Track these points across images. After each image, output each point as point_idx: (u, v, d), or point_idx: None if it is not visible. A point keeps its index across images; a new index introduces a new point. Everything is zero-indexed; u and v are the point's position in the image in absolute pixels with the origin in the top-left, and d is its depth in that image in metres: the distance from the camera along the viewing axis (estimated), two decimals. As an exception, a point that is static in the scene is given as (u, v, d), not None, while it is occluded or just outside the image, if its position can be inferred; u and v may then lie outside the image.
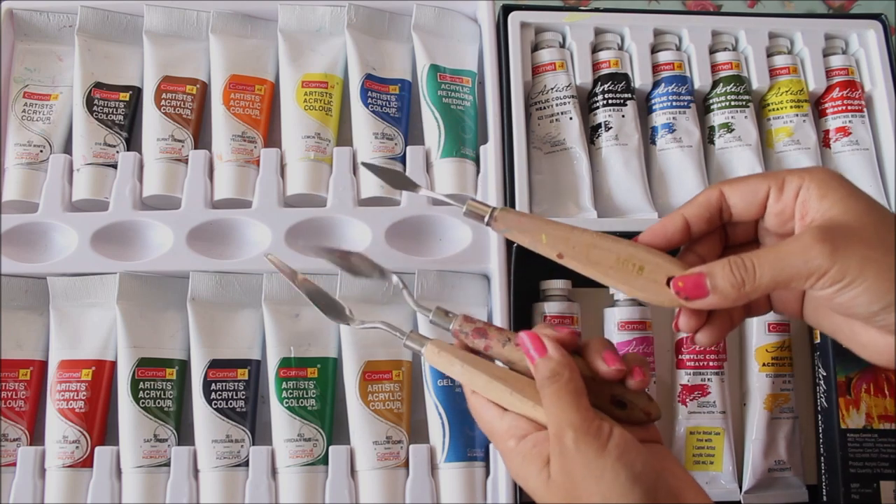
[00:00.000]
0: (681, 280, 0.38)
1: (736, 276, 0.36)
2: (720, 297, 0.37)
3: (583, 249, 0.42)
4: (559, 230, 0.42)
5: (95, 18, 0.63)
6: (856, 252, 0.34)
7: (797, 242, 0.35)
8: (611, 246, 0.41)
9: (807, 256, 0.35)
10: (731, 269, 0.36)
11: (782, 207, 0.38)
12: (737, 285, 0.36)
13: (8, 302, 0.56)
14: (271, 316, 0.56)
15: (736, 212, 0.39)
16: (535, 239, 0.43)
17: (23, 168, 0.59)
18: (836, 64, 0.65)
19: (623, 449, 0.36)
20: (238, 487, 0.54)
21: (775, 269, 0.35)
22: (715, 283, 0.37)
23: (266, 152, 0.60)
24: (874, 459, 0.56)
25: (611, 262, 0.41)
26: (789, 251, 0.35)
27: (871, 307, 0.35)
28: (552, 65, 0.62)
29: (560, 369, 0.39)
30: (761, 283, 0.36)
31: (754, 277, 0.36)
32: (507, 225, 0.43)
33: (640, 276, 0.40)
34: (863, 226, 0.35)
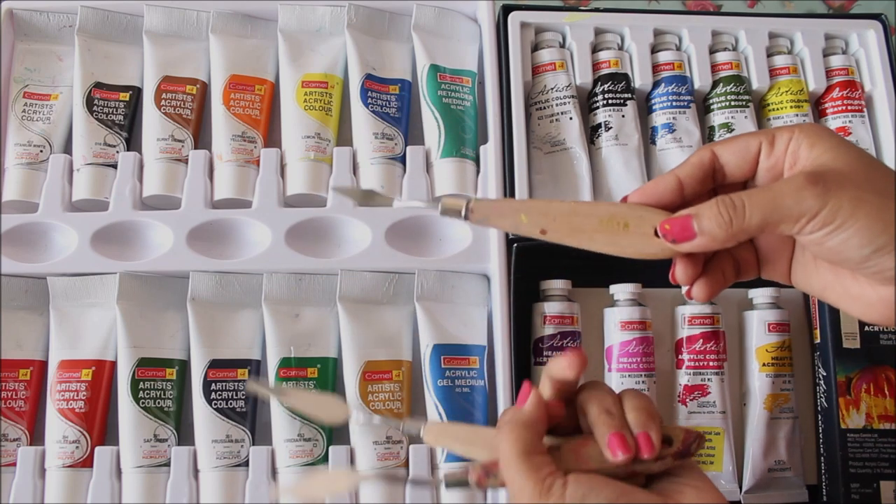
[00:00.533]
0: (668, 223, 0.37)
1: (724, 216, 0.35)
2: (708, 239, 0.36)
3: (564, 219, 0.40)
4: (537, 205, 0.41)
5: (95, 18, 0.63)
6: (847, 192, 0.34)
7: (789, 183, 0.34)
8: (591, 209, 0.40)
9: (798, 197, 0.34)
10: (718, 209, 0.35)
11: (774, 161, 0.37)
12: (725, 225, 0.35)
13: (8, 302, 0.56)
14: (271, 316, 0.56)
15: (729, 170, 0.39)
16: (515, 221, 0.41)
17: (23, 168, 0.59)
18: (836, 64, 0.65)
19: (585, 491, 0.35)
20: (238, 487, 0.54)
21: (766, 208, 0.35)
22: (702, 223, 0.36)
23: (266, 152, 0.60)
24: (874, 459, 0.56)
25: (594, 226, 0.40)
26: (781, 191, 0.34)
27: (863, 250, 0.34)
28: (552, 65, 0.62)
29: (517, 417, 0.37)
30: (751, 223, 0.35)
31: (743, 216, 0.35)
32: (483, 214, 0.41)
33: (627, 231, 0.39)
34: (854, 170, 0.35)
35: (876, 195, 0.34)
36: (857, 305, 0.37)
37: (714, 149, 0.39)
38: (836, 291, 0.38)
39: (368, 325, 0.56)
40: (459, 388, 0.55)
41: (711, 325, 0.58)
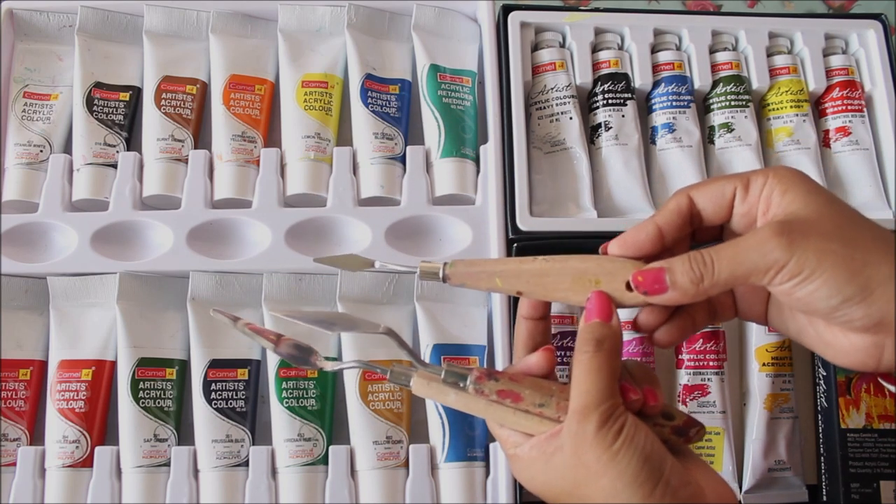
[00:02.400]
0: (640, 275, 0.37)
1: (695, 271, 0.36)
2: (679, 293, 0.37)
3: (537, 281, 0.41)
4: (510, 267, 0.41)
5: (95, 18, 0.63)
6: (812, 244, 0.34)
7: (755, 236, 0.35)
8: (562, 267, 0.41)
9: (764, 250, 0.34)
10: (690, 265, 0.36)
11: (748, 207, 0.38)
12: (696, 280, 0.36)
13: (8, 302, 0.56)
14: (271, 316, 0.56)
15: (705, 215, 0.39)
16: (490, 284, 0.42)
17: (23, 168, 0.59)
18: (836, 64, 0.65)
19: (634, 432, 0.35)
20: (238, 487, 0.54)
21: (733, 263, 0.35)
22: (674, 278, 0.36)
23: (266, 152, 0.60)
24: (874, 459, 0.56)
25: (567, 285, 0.40)
26: (747, 245, 0.35)
27: (831, 301, 0.34)
28: (552, 65, 0.62)
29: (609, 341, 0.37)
30: (719, 278, 0.36)
31: (713, 272, 0.36)
32: (460, 279, 0.42)
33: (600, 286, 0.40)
34: (821, 218, 0.35)
35: (843, 245, 0.34)
36: (831, 351, 0.38)
37: (690, 194, 0.39)
38: (811, 336, 0.39)
39: (368, 325, 0.56)
40: (459, 388, 0.55)
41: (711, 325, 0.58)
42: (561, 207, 0.59)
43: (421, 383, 0.41)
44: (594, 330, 0.38)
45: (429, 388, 0.41)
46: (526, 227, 0.56)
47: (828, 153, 0.63)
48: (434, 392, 0.41)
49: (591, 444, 0.35)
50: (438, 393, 0.41)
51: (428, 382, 0.41)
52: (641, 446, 0.35)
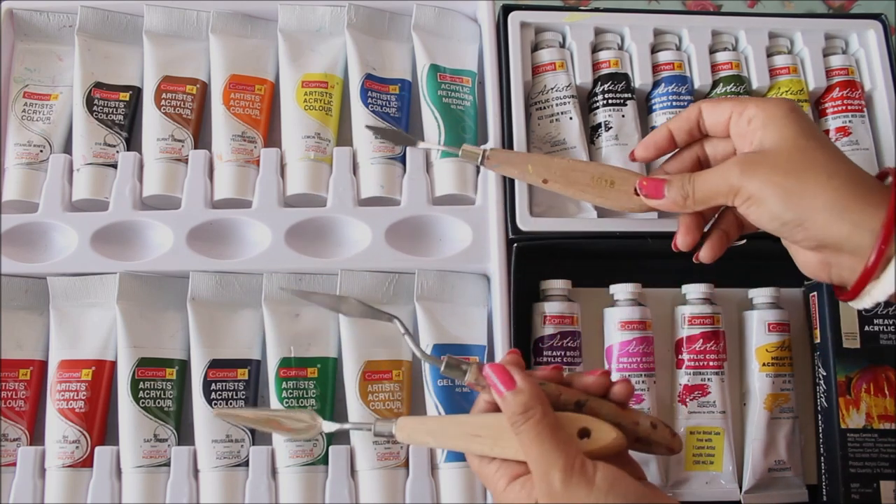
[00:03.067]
0: (646, 180, 0.47)
1: (683, 189, 0.45)
2: (670, 202, 0.46)
3: (563, 172, 0.50)
4: (541, 159, 0.51)
5: (95, 18, 0.63)
6: (760, 174, 0.41)
7: (723, 166, 0.43)
8: (585, 167, 0.51)
9: (725, 175, 0.42)
10: (681, 183, 0.45)
11: (740, 130, 0.44)
12: (683, 195, 0.45)
13: (8, 302, 0.56)
14: (271, 316, 0.56)
15: (709, 128, 0.47)
16: (522, 170, 0.51)
17: (23, 168, 0.59)
18: (836, 64, 0.65)
19: (612, 482, 0.36)
20: (238, 487, 0.54)
21: (705, 186, 0.44)
22: (670, 190, 0.46)
23: (266, 152, 0.60)
24: (874, 459, 0.56)
25: (587, 181, 0.50)
26: (716, 171, 0.43)
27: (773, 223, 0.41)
28: (552, 65, 0.62)
29: (532, 403, 0.39)
30: (697, 196, 0.44)
31: (692, 191, 0.44)
32: (497, 161, 0.51)
33: (612, 188, 0.50)
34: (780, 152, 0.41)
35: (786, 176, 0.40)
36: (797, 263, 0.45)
37: (701, 106, 0.47)
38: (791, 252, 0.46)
39: (368, 325, 0.56)
40: (459, 388, 0.55)
41: (711, 324, 0.58)
42: (561, 207, 0.59)
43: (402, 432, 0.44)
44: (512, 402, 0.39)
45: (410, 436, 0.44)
46: (526, 228, 0.56)
47: (828, 153, 0.63)
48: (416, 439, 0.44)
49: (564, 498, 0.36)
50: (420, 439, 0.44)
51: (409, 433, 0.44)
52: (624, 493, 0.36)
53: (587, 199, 0.54)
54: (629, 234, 0.57)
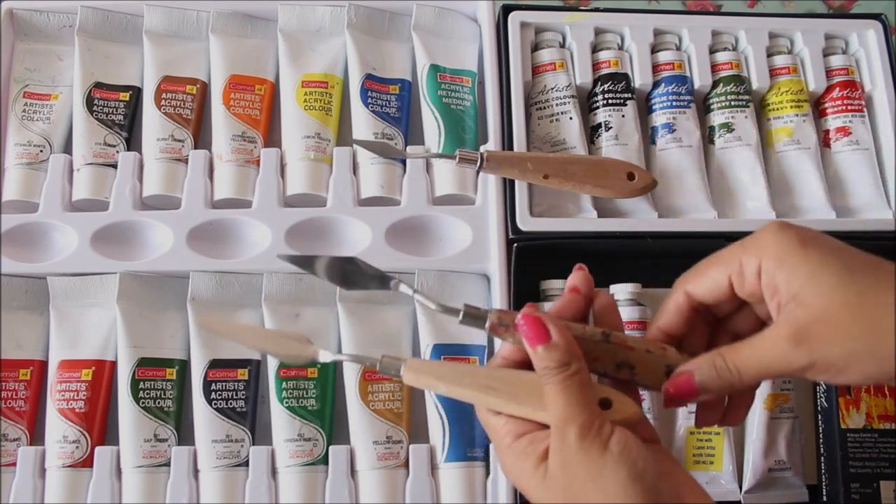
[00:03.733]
0: (671, 386, 0.39)
1: (722, 379, 0.37)
2: (708, 395, 0.39)
3: (560, 167, 0.52)
4: (539, 157, 0.53)
5: (95, 18, 0.63)
6: (835, 348, 0.34)
7: (772, 343, 0.36)
8: (580, 160, 0.55)
9: (788, 361, 0.35)
10: (716, 372, 0.37)
11: (750, 291, 0.38)
12: (723, 384, 0.38)
13: (8, 302, 0.56)
14: (271, 316, 0.56)
15: (710, 305, 0.40)
16: (522, 169, 0.52)
17: (23, 168, 0.59)
18: (836, 64, 0.65)
19: (624, 446, 0.35)
20: (238, 487, 0.54)
21: (759, 371, 0.37)
22: (703, 382, 0.38)
23: (266, 152, 0.60)
24: (874, 459, 0.56)
25: (584, 172, 0.53)
26: (766, 351, 0.36)
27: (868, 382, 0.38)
28: (552, 65, 0.62)
29: (567, 359, 0.37)
30: (744, 381, 0.37)
31: (738, 377, 0.37)
32: (496, 162, 0.51)
33: (608, 176, 0.53)
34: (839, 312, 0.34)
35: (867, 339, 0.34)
36: None
37: (686, 289, 0.40)
38: None
39: (368, 325, 0.56)
40: (459, 388, 0.55)
41: (711, 325, 0.58)
42: (561, 207, 0.59)
43: (410, 374, 0.40)
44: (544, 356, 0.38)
45: (418, 379, 0.40)
46: (526, 228, 0.56)
47: (828, 153, 0.63)
48: (424, 382, 0.40)
49: (575, 455, 0.35)
50: (429, 384, 0.40)
51: (416, 375, 0.40)
52: (632, 461, 0.35)
53: (587, 191, 0.55)
54: (629, 234, 0.57)
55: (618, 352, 0.40)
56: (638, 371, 0.40)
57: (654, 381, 0.40)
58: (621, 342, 0.40)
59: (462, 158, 0.51)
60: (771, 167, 0.63)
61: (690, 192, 0.60)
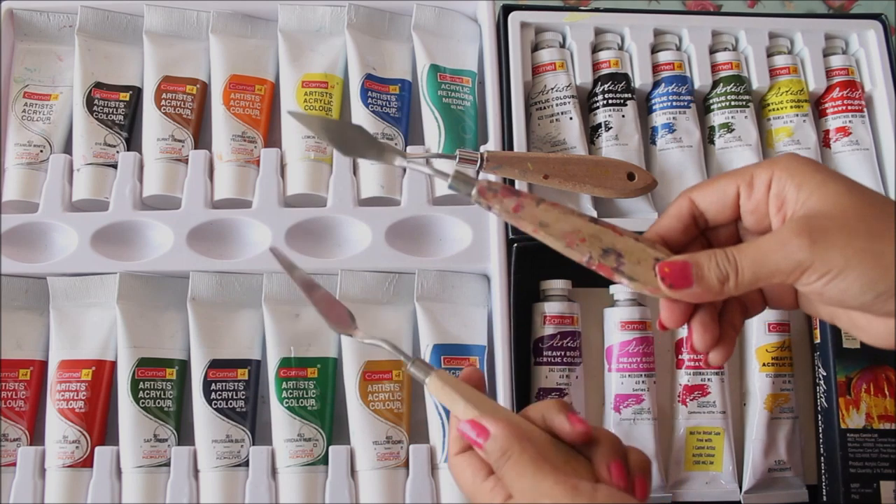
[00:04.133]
0: (667, 265, 0.36)
1: (721, 269, 0.35)
2: (703, 289, 0.36)
3: (561, 167, 0.51)
4: (539, 156, 0.53)
5: (95, 18, 0.63)
6: (836, 242, 0.33)
7: (776, 237, 0.34)
8: (580, 160, 0.54)
9: (786, 251, 0.34)
10: (716, 262, 0.35)
11: (755, 204, 0.37)
12: (721, 279, 0.35)
13: (8, 302, 0.56)
14: (271, 316, 0.56)
15: (710, 216, 0.38)
16: (522, 169, 0.51)
17: (23, 168, 0.59)
18: (836, 64, 0.65)
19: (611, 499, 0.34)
20: (238, 487, 0.54)
21: (756, 264, 0.35)
22: (700, 272, 0.35)
23: (266, 152, 0.60)
24: (874, 459, 0.56)
25: (584, 172, 0.52)
26: (769, 246, 0.34)
27: (864, 297, 0.33)
28: (552, 65, 0.62)
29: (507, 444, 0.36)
30: (744, 278, 0.35)
31: (737, 272, 0.35)
32: (497, 162, 0.50)
33: (608, 175, 0.52)
34: (844, 212, 0.34)
35: (870, 240, 0.33)
36: (865, 335, 0.37)
37: (691, 196, 0.38)
38: (843, 320, 0.38)
39: (368, 325, 0.56)
40: (459, 388, 0.55)
41: (711, 325, 0.58)
42: (561, 207, 0.59)
43: (436, 383, 0.40)
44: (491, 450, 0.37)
45: (442, 390, 0.40)
46: (526, 228, 0.56)
47: (828, 153, 0.63)
48: (445, 396, 0.40)
49: None
50: (449, 399, 0.40)
51: (442, 385, 0.40)
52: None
53: (587, 191, 0.55)
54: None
55: (604, 234, 0.38)
56: (626, 260, 0.37)
57: (642, 274, 0.37)
58: (608, 226, 0.38)
59: (462, 159, 0.51)
60: (771, 167, 0.63)
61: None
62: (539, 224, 0.38)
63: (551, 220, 0.38)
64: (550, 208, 0.38)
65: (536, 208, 0.39)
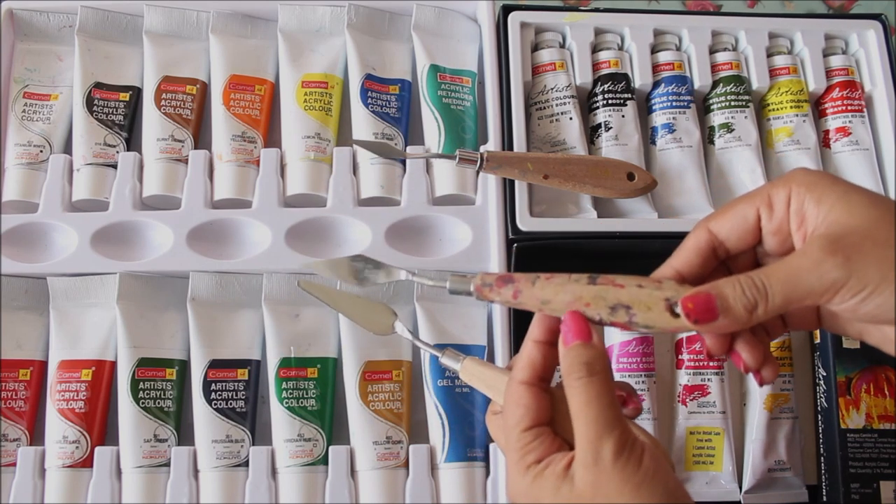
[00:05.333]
0: (690, 301, 0.34)
1: (748, 297, 0.33)
2: (731, 321, 0.34)
3: (561, 167, 0.51)
4: (539, 156, 0.52)
5: (95, 18, 0.63)
6: (871, 257, 0.32)
7: (806, 257, 0.33)
8: (580, 160, 0.54)
9: (820, 271, 0.32)
10: (743, 291, 0.33)
11: (778, 224, 0.35)
12: (749, 307, 0.33)
13: (8, 302, 0.56)
14: (271, 316, 0.56)
15: (731, 245, 0.37)
16: (522, 169, 0.51)
17: (23, 168, 0.59)
18: (836, 64, 0.65)
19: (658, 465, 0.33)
20: (238, 487, 0.54)
21: (787, 287, 0.33)
22: (726, 304, 0.34)
23: (266, 152, 0.60)
24: (874, 459, 0.56)
25: (584, 172, 0.52)
26: (800, 267, 0.33)
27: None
28: (552, 65, 0.62)
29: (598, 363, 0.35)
30: (774, 303, 0.33)
31: (766, 298, 0.33)
32: (497, 162, 0.50)
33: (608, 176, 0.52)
34: (871, 225, 0.32)
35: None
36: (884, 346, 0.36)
37: (709, 226, 0.37)
38: (875, 336, 0.36)
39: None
40: (459, 388, 0.55)
41: (711, 325, 0.58)
42: (561, 208, 0.59)
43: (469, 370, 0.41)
44: (580, 354, 0.35)
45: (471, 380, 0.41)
46: (526, 228, 0.56)
47: (828, 153, 0.63)
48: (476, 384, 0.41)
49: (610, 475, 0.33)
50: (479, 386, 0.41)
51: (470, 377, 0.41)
52: (665, 480, 0.33)
53: (587, 191, 0.55)
54: (629, 234, 0.57)
55: (607, 293, 0.37)
56: (635, 311, 0.36)
57: (657, 319, 0.36)
58: (608, 281, 0.37)
59: (462, 158, 0.51)
60: (771, 167, 0.63)
61: (690, 193, 0.60)
62: (541, 302, 0.38)
63: (551, 295, 0.38)
64: (547, 284, 0.38)
65: (534, 288, 0.38)
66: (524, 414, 0.36)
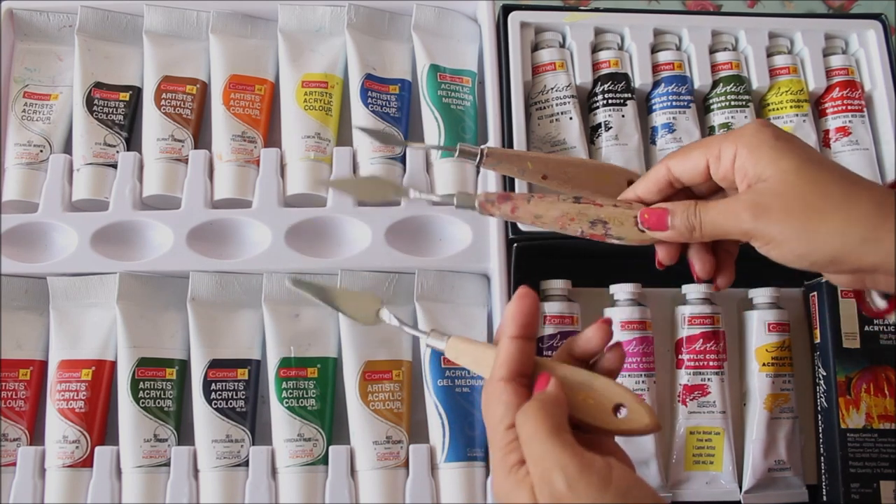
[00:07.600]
0: (647, 212, 0.43)
1: (689, 221, 0.42)
2: (675, 234, 0.43)
3: (560, 168, 0.50)
4: (539, 156, 0.52)
5: (95, 18, 0.63)
6: (774, 217, 0.38)
7: (730, 206, 0.40)
8: (580, 163, 0.53)
9: (738, 221, 0.40)
10: (686, 214, 0.42)
11: (723, 174, 0.41)
12: (689, 228, 0.42)
13: (8, 302, 0.56)
14: (271, 316, 0.56)
15: (685, 182, 0.43)
16: (521, 167, 0.50)
17: (23, 168, 0.59)
18: (836, 64, 0.65)
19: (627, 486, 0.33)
20: (238, 487, 0.54)
21: (713, 224, 0.41)
22: (674, 221, 0.42)
23: (266, 152, 0.60)
24: (874, 459, 0.56)
25: (584, 176, 0.51)
26: (726, 211, 0.40)
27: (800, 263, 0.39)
28: (552, 65, 0.62)
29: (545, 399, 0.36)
30: (704, 232, 0.41)
31: (699, 226, 0.41)
32: (497, 159, 0.50)
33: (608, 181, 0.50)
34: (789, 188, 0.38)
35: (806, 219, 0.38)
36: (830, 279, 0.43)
37: (669, 165, 0.44)
38: None
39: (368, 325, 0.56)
40: (459, 388, 0.55)
41: (711, 324, 0.58)
42: (561, 207, 0.59)
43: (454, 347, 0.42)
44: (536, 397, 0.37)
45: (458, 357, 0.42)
46: (526, 227, 0.56)
47: (828, 153, 0.63)
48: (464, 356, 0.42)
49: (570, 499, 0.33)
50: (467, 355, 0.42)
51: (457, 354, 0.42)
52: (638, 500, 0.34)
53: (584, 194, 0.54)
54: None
55: (588, 210, 0.44)
56: (611, 225, 0.44)
57: (628, 232, 0.44)
58: (589, 201, 0.45)
59: (462, 152, 0.51)
60: (771, 167, 0.63)
61: (690, 192, 0.60)
62: (535, 217, 0.45)
63: (543, 211, 0.45)
64: (540, 201, 0.45)
65: (528, 205, 0.45)
66: (506, 411, 0.37)
